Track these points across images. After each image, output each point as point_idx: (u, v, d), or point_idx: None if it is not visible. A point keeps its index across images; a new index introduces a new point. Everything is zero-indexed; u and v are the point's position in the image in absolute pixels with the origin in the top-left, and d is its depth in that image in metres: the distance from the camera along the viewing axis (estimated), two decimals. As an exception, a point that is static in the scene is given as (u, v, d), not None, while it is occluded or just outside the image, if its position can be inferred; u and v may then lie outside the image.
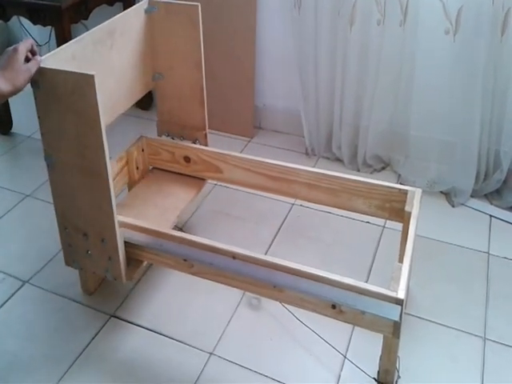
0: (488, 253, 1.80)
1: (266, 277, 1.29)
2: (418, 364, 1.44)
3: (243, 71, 2.34)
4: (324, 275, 1.25)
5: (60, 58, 1.30)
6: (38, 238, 1.89)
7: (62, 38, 2.08)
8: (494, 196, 2.03)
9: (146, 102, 2.56)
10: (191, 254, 1.37)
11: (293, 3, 2.08)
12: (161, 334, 1.54)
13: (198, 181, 1.81)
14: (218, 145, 1.80)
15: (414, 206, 1.45)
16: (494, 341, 1.50)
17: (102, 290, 1.68)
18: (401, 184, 1.89)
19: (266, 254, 1.78)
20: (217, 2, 2.27)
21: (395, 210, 1.53)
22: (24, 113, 2.44)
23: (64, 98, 1.23)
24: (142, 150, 1.80)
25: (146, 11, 1.63)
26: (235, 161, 1.69)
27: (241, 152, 2.31)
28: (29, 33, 2.96)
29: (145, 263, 1.52)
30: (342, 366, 1.45)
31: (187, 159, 1.77)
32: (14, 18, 2.56)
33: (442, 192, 2.07)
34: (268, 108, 2.48)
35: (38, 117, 1.30)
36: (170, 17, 1.62)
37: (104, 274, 1.46)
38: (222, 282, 1.36)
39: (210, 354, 1.48)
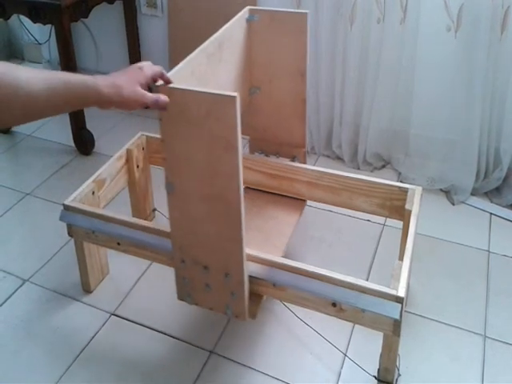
0: (488, 251, 1.80)
1: (266, 275, 1.29)
2: (418, 362, 1.44)
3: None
4: (324, 273, 1.25)
5: (181, 75, 1.17)
6: (39, 237, 1.89)
7: (62, 36, 2.08)
8: (494, 194, 2.03)
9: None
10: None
11: (292, 1, 2.08)
12: (161, 333, 1.54)
13: (297, 202, 1.68)
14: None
15: (415, 204, 1.45)
16: (494, 339, 1.50)
17: (102, 289, 1.68)
18: (401, 182, 1.90)
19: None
20: (216, 2, 2.27)
21: (395, 208, 1.53)
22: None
23: (197, 121, 1.08)
24: (143, 149, 1.79)
25: (248, 20, 1.52)
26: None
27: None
28: (29, 31, 2.97)
29: (265, 298, 1.37)
30: (343, 364, 1.45)
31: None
32: (14, 17, 2.56)
33: (442, 190, 2.07)
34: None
35: (162, 140, 1.15)
36: (274, 26, 1.51)
37: (224, 310, 1.32)
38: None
39: (211, 352, 1.48)
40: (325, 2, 2.00)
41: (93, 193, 1.59)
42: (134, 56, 2.63)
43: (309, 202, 1.80)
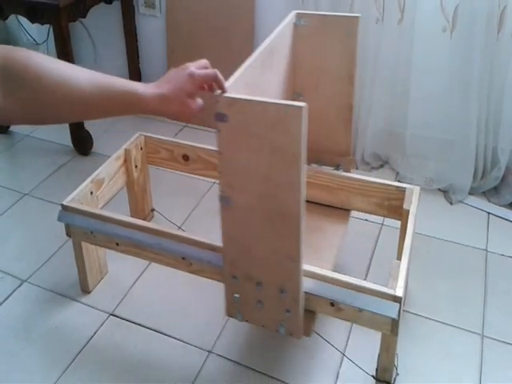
0: (486, 250, 1.80)
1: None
2: (416, 361, 1.45)
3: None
4: (322, 273, 1.25)
5: (236, 86, 1.10)
6: (37, 237, 1.89)
7: (60, 36, 2.08)
8: (491, 193, 2.03)
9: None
10: (190, 253, 1.35)
11: (295, 2, 2.08)
12: (159, 333, 1.54)
13: (341, 212, 1.63)
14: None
15: (412, 203, 1.45)
16: (491, 338, 1.51)
17: (100, 289, 1.68)
18: (399, 182, 1.90)
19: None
20: (214, 2, 2.27)
21: (393, 207, 1.53)
22: (22, 111, 2.44)
23: (260, 132, 1.03)
24: (141, 149, 1.79)
25: (296, 25, 1.47)
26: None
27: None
28: (27, 31, 2.96)
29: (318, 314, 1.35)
30: (341, 363, 1.45)
31: (186, 158, 1.77)
32: (12, 17, 2.56)
33: (439, 189, 2.08)
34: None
35: (220, 153, 1.09)
36: (324, 30, 1.45)
37: (277, 328, 1.27)
38: (220, 280, 1.36)
39: (209, 352, 1.49)
40: (323, 2, 2.00)
41: (91, 193, 1.59)
42: (132, 56, 2.63)
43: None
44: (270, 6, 2.26)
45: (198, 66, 1.03)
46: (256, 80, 1.23)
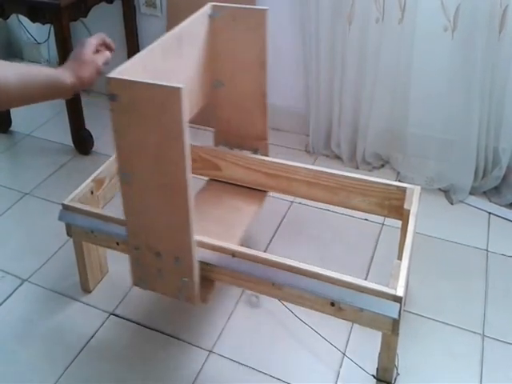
0: (487, 250, 1.80)
1: (264, 274, 1.29)
2: (416, 361, 1.44)
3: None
4: (323, 273, 1.25)
5: (132, 69, 1.22)
6: (37, 237, 1.89)
7: (61, 35, 2.08)
8: (492, 193, 2.03)
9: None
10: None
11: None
12: (160, 332, 1.54)
13: (258, 193, 1.71)
14: (217, 143, 1.80)
15: (413, 203, 1.45)
16: (492, 338, 1.51)
17: (101, 289, 1.68)
18: (400, 181, 1.90)
19: (265, 251, 1.78)
20: (214, 0, 2.27)
21: (394, 207, 1.53)
22: (23, 111, 2.42)
23: (146, 111, 1.14)
24: (141, 148, 1.79)
25: (211, 16, 1.56)
26: (234, 158, 1.69)
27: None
28: (28, 31, 2.97)
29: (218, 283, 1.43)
30: (341, 363, 1.45)
31: (186, 157, 1.77)
32: (13, 16, 2.56)
33: (440, 189, 2.07)
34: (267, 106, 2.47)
35: (114, 131, 1.19)
36: (235, 21, 1.56)
37: (176, 295, 1.36)
38: (221, 280, 1.37)
39: (209, 351, 1.49)
40: (324, 1, 2.00)
41: (92, 192, 1.59)
42: (133, 55, 2.62)
43: (307, 202, 1.80)
44: (271, 7, 2.25)
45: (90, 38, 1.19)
46: (159, 66, 1.34)
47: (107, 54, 1.19)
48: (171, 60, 1.40)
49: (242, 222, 1.62)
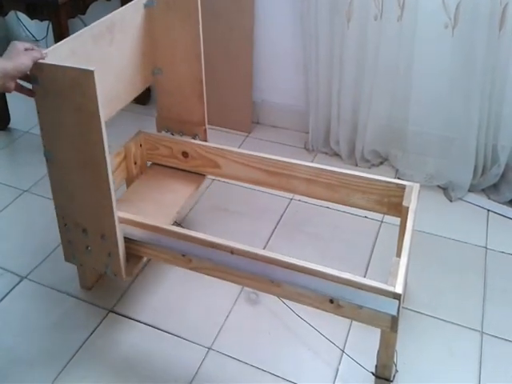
0: (485, 247, 1.80)
1: (263, 272, 1.29)
2: (415, 358, 1.45)
3: (241, 67, 2.34)
4: (322, 270, 1.25)
5: (59, 54, 1.30)
6: (36, 234, 1.89)
7: (60, 32, 2.08)
8: (491, 190, 2.03)
9: (144, 97, 2.55)
10: (190, 250, 1.37)
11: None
12: (159, 329, 1.54)
13: (197, 176, 1.80)
14: (216, 140, 1.80)
15: (412, 200, 1.45)
16: (491, 335, 1.51)
17: (100, 286, 1.68)
18: (399, 179, 1.90)
19: (264, 248, 1.78)
20: (215, 1, 2.27)
21: (393, 204, 1.53)
22: (22, 108, 2.43)
23: (64, 93, 1.22)
24: (140, 146, 1.79)
25: (146, 5, 1.62)
26: (233, 156, 1.69)
27: (239, 147, 2.31)
28: (26, 28, 2.96)
29: (144, 259, 1.52)
30: (340, 360, 1.45)
31: (185, 154, 1.77)
32: (12, 13, 2.56)
33: (439, 186, 2.08)
34: (266, 103, 2.47)
35: (38, 112, 1.29)
36: (169, 11, 1.61)
37: (104, 270, 1.45)
38: (220, 277, 1.37)
39: (209, 348, 1.49)
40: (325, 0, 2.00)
41: (90, 190, 1.59)
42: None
43: (306, 199, 1.80)
44: (271, 7, 2.25)
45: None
46: (89, 52, 1.42)
47: (41, 50, 1.24)
48: (102, 47, 1.46)
49: (175, 203, 1.70)
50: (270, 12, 2.27)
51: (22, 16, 2.63)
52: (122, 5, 2.51)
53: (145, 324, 1.56)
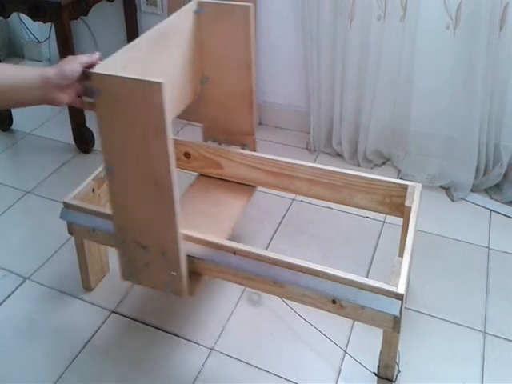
0: (488, 247, 1.80)
1: (266, 272, 1.29)
2: (418, 358, 1.45)
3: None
4: (324, 270, 1.25)
5: (115, 65, 1.21)
6: (39, 235, 1.89)
7: (62, 34, 2.08)
8: (494, 190, 2.03)
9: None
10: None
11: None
12: (161, 330, 1.54)
13: (247, 188, 1.73)
14: (218, 141, 1.80)
15: (414, 200, 1.45)
16: (494, 335, 1.51)
17: (102, 287, 1.68)
18: (401, 179, 1.90)
19: (266, 249, 1.78)
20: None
21: (395, 204, 1.53)
22: (24, 109, 2.44)
23: (128, 106, 1.13)
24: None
25: (196, 12, 1.55)
26: (236, 156, 1.69)
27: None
28: (29, 29, 2.97)
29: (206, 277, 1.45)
30: (343, 360, 1.45)
31: (187, 155, 1.77)
32: (14, 15, 2.56)
33: (441, 187, 2.07)
34: (268, 104, 2.48)
35: (99, 125, 1.19)
36: (220, 18, 1.55)
37: (164, 288, 1.36)
38: (222, 278, 1.37)
39: (211, 349, 1.49)
40: (326, 0, 2.00)
41: (93, 190, 1.59)
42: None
43: (308, 199, 1.80)
44: (271, 7, 2.26)
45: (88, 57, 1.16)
46: (145, 61, 1.34)
47: (95, 55, 1.17)
48: (157, 55, 1.40)
49: (229, 217, 1.63)
50: (271, 13, 2.27)
51: (25, 18, 2.63)
52: (124, 7, 2.55)
53: (147, 325, 1.56)
